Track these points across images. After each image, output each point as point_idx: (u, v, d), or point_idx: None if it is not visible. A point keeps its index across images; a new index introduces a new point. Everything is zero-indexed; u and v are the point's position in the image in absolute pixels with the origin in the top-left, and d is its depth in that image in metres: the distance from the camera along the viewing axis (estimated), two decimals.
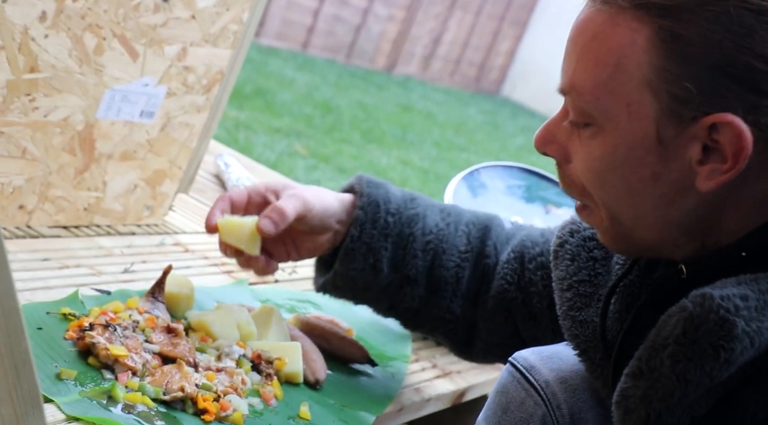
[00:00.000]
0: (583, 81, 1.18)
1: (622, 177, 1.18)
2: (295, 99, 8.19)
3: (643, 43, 1.13)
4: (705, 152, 1.13)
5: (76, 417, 1.33)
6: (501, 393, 1.42)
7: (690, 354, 1.09)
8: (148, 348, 1.52)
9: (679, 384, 1.09)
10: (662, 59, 1.12)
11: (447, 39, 12.97)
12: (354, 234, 1.69)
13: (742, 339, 1.06)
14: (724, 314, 1.07)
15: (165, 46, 1.88)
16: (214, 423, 1.45)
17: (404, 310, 1.75)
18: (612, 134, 1.17)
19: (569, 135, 1.23)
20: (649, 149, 1.15)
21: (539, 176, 2.57)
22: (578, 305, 1.40)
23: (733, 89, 1.10)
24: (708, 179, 1.14)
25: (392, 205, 1.71)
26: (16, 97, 1.70)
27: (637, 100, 1.15)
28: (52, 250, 1.81)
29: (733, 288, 1.09)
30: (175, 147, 2.03)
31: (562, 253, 1.45)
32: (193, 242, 2.11)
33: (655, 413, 1.12)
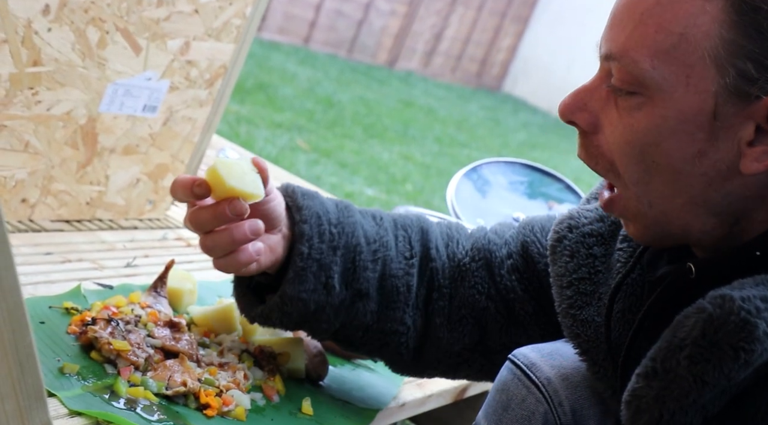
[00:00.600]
0: (640, 47, 1.13)
1: (665, 153, 1.14)
2: (297, 94, 8.19)
3: (715, 12, 1.09)
4: (757, 132, 1.11)
5: (78, 412, 1.33)
6: (501, 390, 1.40)
7: (708, 356, 1.07)
8: (150, 342, 1.52)
9: (695, 385, 1.08)
10: (734, 32, 1.08)
11: (449, 35, 12.97)
12: (303, 251, 1.50)
13: (763, 340, 1.06)
14: (746, 316, 1.06)
15: (168, 40, 1.87)
16: (216, 418, 1.45)
17: (355, 328, 1.58)
18: (662, 105, 1.13)
19: (605, 103, 1.19)
20: (702, 125, 1.12)
21: (542, 172, 2.57)
22: (579, 304, 1.39)
23: None
24: (756, 161, 1.11)
25: (332, 215, 1.55)
26: (19, 90, 1.69)
27: (698, 73, 1.11)
28: (54, 244, 1.81)
29: (752, 289, 1.08)
30: (177, 141, 2.03)
31: (561, 249, 1.43)
32: (195, 237, 2.10)
33: (668, 413, 1.10)
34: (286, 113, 7.33)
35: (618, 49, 1.15)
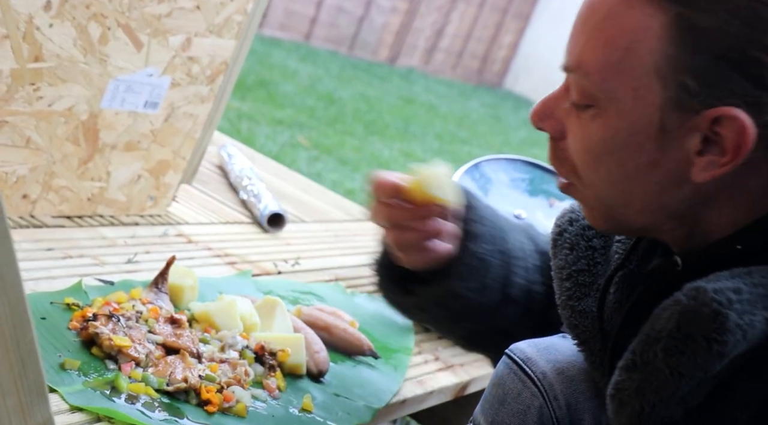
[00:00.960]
0: (591, 60, 1.16)
1: (619, 162, 1.17)
2: (298, 90, 8.19)
3: (658, 29, 1.12)
4: (704, 143, 1.13)
5: (79, 407, 1.34)
6: (498, 384, 1.42)
7: (683, 348, 1.09)
8: (151, 338, 1.52)
9: (672, 378, 1.10)
10: (675, 48, 1.11)
11: (450, 31, 12.96)
12: (475, 250, 1.54)
13: (734, 331, 1.07)
14: (717, 307, 1.07)
15: (169, 36, 1.87)
16: (217, 414, 1.45)
17: (495, 332, 1.61)
18: (614, 117, 1.16)
19: (568, 113, 1.22)
20: (650, 136, 1.15)
21: (543, 169, 2.56)
22: (577, 295, 1.40)
23: (741, 84, 1.09)
24: (704, 171, 1.14)
25: (494, 220, 1.59)
26: (20, 86, 1.69)
27: (644, 86, 1.13)
28: (55, 240, 1.81)
29: (726, 281, 1.09)
30: (178, 138, 2.03)
31: (561, 242, 1.45)
32: (196, 233, 2.11)
33: (648, 405, 1.12)
34: (287, 109, 7.33)
35: (573, 63, 1.19)
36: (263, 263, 2.09)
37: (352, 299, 2.08)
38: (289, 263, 2.16)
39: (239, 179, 2.46)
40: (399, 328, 2.00)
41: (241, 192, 2.43)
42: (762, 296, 1.09)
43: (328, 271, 2.20)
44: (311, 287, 2.05)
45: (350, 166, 6.38)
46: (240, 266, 2.03)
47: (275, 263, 2.12)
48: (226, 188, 2.47)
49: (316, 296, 2.02)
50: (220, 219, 2.25)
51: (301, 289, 2.02)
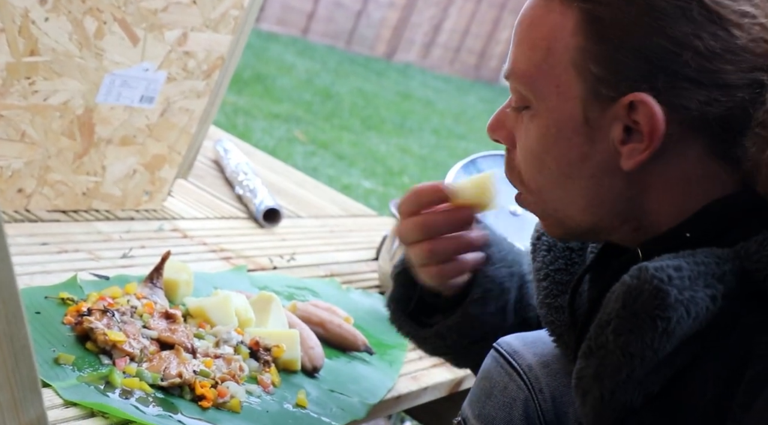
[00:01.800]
0: (520, 64, 1.23)
1: (555, 159, 1.22)
2: (295, 85, 8.18)
3: (571, 26, 1.18)
4: (627, 132, 1.17)
5: (73, 402, 1.34)
6: (485, 378, 1.44)
7: (630, 326, 1.11)
8: (146, 333, 1.52)
9: (624, 359, 1.11)
10: (586, 41, 1.17)
11: (447, 27, 12.96)
12: (491, 274, 1.53)
13: (676, 307, 1.09)
14: (658, 283, 1.09)
15: (165, 30, 1.87)
16: (211, 409, 1.45)
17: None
18: (545, 115, 1.21)
19: (515, 121, 1.27)
20: (576, 130, 1.19)
21: None
22: (554, 293, 1.43)
23: (646, 70, 1.14)
24: (629, 159, 1.18)
25: (505, 242, 1.60)
26: (15, 80, 1.69)
27: (565, 82, 1.19)
28: (50, 234, 1.81)
29: (668, 260, 1.12)
30: (174, 132, 2.03)
31: (539, 245, 1.48)
32: (191, 228, 2.11)
33: (607, 391, 1.13)
34: (284, 104, 7.33)
35: (508, 69, 1.26)
36: (258, 259, 2.09)
37: (347, 295, 2.08)
38: (285, 258, 2.16)
39: (235, 174, 2.46)
40: None
41: (236, 187, 2.43)
42: (703, 273, 1.11)
43: (324, 267, 2.20)
44: (306, 283, 2.05)
45: (347, 161, 6.38)
46: (235, 261, 2.03)
47: (270, 258, 2.12)
48: (221, 183, 2.47)
49: (311, 291, 2.02)
50: (215, 214, 2.25)
51: (296, 285, 2.02)
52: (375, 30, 11.91)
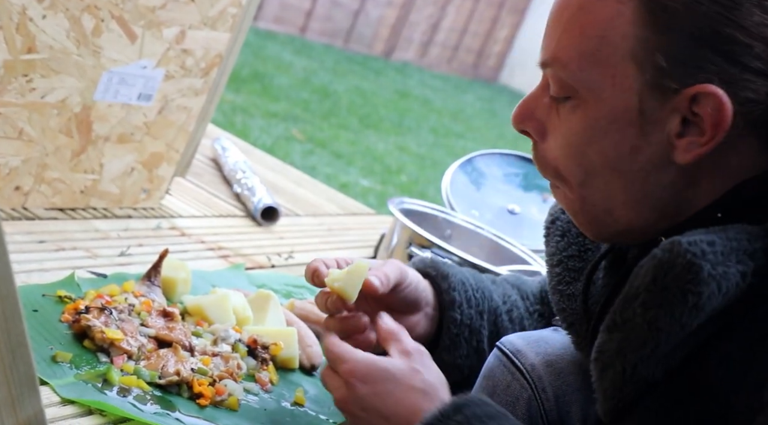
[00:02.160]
0: (568, 52, 1.18)
1: (601, 151, 1.18)
2: (293, 83, 8.18)
3: (629, 14, 1.14)
4: (684, 124, 1.15)
5: (71, 400, 1.33)
6: (488, 376, 1.44)
7: (660, 301, 1.09)
8: (143, 331, 1.52)
9: (651, 333, 1.10)
10: (647, 30, 1.13)
11: (445, 25, 12.96)
12: (456, 318, 1.59)
13: (708, 282, 1.07)
14: (691, 258, 1.08)
15: (163, 28, 1.87)
16: (209, 407, 1.45)
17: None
18: (594, 106, 1.17)
19: (548, 111, 1.23)
20: (631, 122, 1.16)
21: None
22: (567, 280, 1.42)
23: (715, 61, 1.11)
24: (686, 152, 1.15)
25: (471, 280, 1.64)
26: (13, 77, 1.69)
27: (621, 72, 1.15)
28: (48, 232, 1.81)
29: (701, 235, 1.10)
30: (172, 130, 2.03)
31: (553, 229, 1.46)
32: (189, 226, 2.11)
33: (630, 366, 1.13)
34: (282, 102, 7.33)
35: (550, 57, 1.21)
36: (256, 257, 2.09)
37: None
38: (283, 256, 2.16)
39: (233, 172, 2.46)
40: None
41: (234, 185, 2.43)
42: (735, 249, 1.10)
43: None
44: (304, 281, 2.04)
45: (344, 159, 6.39)
46: (233, 259, 2.03)
47: (268, 256, 2.12)
48: (219, 181, 2.47)
49: (309, 290, 2.01)
50: (213, 212, 2.25)
51: (294, 283, 2.02)
52: (373, 29, 11.92)
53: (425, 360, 1.37)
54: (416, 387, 1.33)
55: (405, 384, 1.33)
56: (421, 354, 1.38)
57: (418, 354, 1.37)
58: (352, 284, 1.46)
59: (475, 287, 1.62)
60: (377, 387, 1.33)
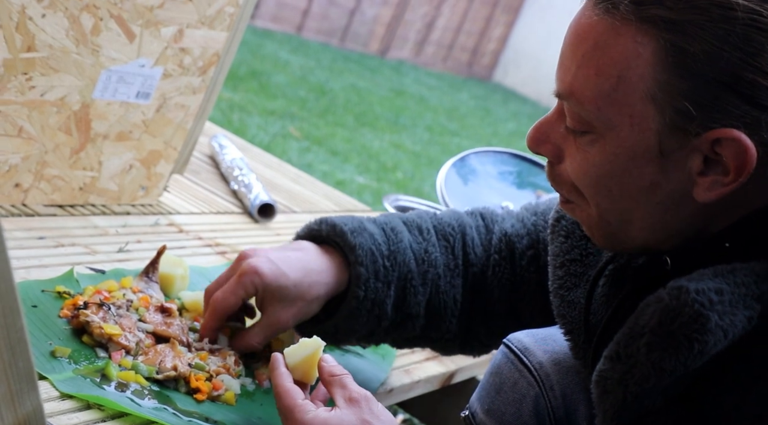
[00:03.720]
0: (584, 89, 1.16)
1: (620, 185, 1.18)
2: (290, 82, 8.18)
3: (648, 56, 1.12)
4: (706, 163, 1.14)
5: (69, 395, 1.34)
6: (495, 374, 1.44)
7: (665, 345, 1.11)
8: (141, 327, 1.53)
9: (654, 371, 1.12)
10: (667, 74, 1.11)
11: (440, 24, 12.96)
12: (359, 295, 1.58)
13: (715, 332, 1.09)
14: (699, 308, 1.09)
15: (161, 27, 1.88)
16: (206, 402, 1.46)
17: (404, 340, 1.69)
18: (612, 143, 1.16)
19: (564, 138, 1.23)
20: (650, 160, 1.15)
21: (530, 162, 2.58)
22: (568, 285, 1.42)
23: (737, 105, 1.09)
24: (708, 191, 1.14)
25: (383, 247, 1.61)
26: (12, 76, 1.70)
27: (639, 113, 1.14)
28: (47, 228, 1.82)
29: (709, 282, 1.11)
30: (170, 128, 2.04)
31: (558, 229, 1.46)
32: (187, 223, 2.12)
33: (631, 395, 1.14)
34: (279, 100, 7.33)
35: (565, 90, 1.19)
36: None
37: None
38: None
39: (230, 169, 2.47)
40: None
41: (232, 182, 2.44)
42: (744, 295, 1.10)
43: None
44: None
45: (341, 157, 6.39)
46: (230, 255, 2.04)
47: None
48: (217, 179, 2.48)
49: None
50: (211, 209, 2.26)
51: None
52: (369, 27, 11.91)
53: (373, 407, 1.36)
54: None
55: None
56: (368, 401, 1.36)
57: (365, 401, 1.36)
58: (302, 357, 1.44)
59: (386, 254, 1.60)
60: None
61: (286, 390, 1.37)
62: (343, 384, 1.38)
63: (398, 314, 1.63)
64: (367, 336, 1.64)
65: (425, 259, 1.63)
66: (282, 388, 1.37)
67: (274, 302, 1.56)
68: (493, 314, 1.67)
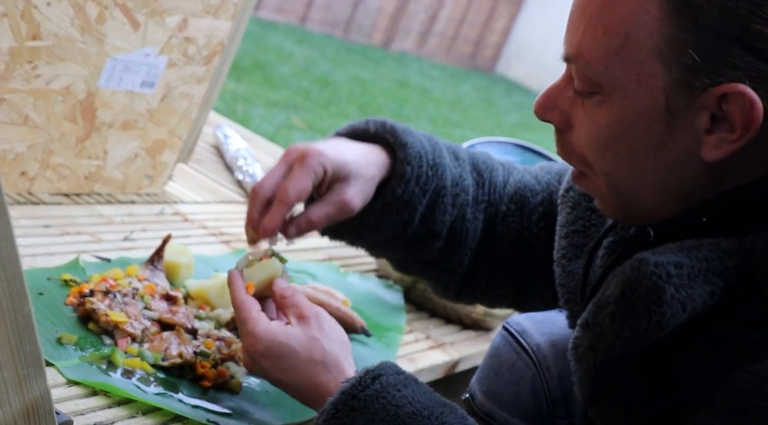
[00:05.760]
0: (592, 49, 1.17)
1: (627, 146, 1.18)
2: (293, 73, 8.18)
3: (655, 11, 1.12)
4: (712, 121, 1.14)
5: (76, 381, 1.35)
6: (493, 355, 1.46)
7: (626, 315, 1.13)
8: (147, 314, 1.54)
9: (618, 340, 1.14)
10: (674, 28, 1.11)
11: (443, 16, 12.95)
12: (397, 192, 1.54)
13: (671, 304, 1.11)
14: (656, 280, 1.11)
15: (166, 16, 1.89)
16: (211, 389, 1.47)
17: (416, 260, 1.65)
18: (619, 102, 1.17)
19: (572, 102, 1.23)
20: (657, 119, 1.15)
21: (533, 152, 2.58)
22: (569, 256, 1.43)
23: (744, 58, 1.09)
24: (715, 149, 1.14)
25: (429, 156, 1.58)
26: (18, 64, 1.71)
27: (647, 70, 1.14)
28: (53, 217, 1.82)
29: (671, 255, 1.13)
30: (175, 117, 2.04)
31: (567, 200, 1.47)
32: (192, 212, 2.13)
33: (600, 362, 1.17)
34: (283, 91, 7.33)
35: (573, 52, 1.19)
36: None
37: (345, 279, 2.09)
38: (283, 242, 2.17)
39: (235, 159, 2.48)
40: (391, 307, 2.02)
41: (236, 172, 2.44)
42: (704, 270, 1.12)
43: (322, 250, 2.22)
44: (305, 266, 2.07)
45: None
46: (235, 244, 2.05)
47: None
48: (221, 168, 2.48)
49: (309, 275, 2.03)
50: (215, 198, 2.27)
51: (295, 268, 2.03)
52: (372, 19, 11.90)
53: (323, 325, 1.37)
54: (315, 360, 1.35)
55: (304, 357, 1.35)
56: (318, 318, 1.38)
57: (316, 319, 1.38)
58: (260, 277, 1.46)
59: (431, 163, 1.58)
60: (277, 362, 1.36)
61: (241, 302, 1.39)
62: (294, 303, 1.39)
63: (423, 227, 1.59)
64: (387, 239, 1.59)
65: (459, 183, 1.61)
66: (237, 300, 1.40)
67: (340, 181, 1.50)
68: (497, 261, 1.64)
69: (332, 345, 1.36)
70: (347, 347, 1.38)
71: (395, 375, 1.29)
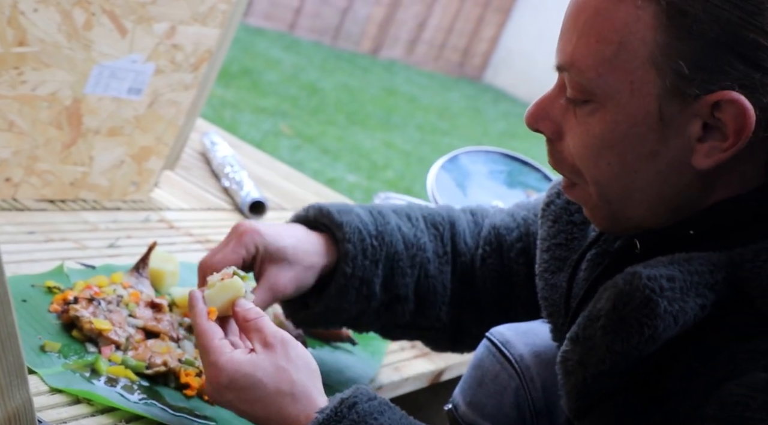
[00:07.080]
0: (585, 58, 1.17)
1: (620, 154, 1.18)
2: (281, 80, 8.18)
3: (648, 19, 1.12)
4: (705, 129, 1.14)
5: (59, 389, 1.35)
6: (477, 366, 1.45)
7: (618, 329, 1.13)
8: (131, 322, 1.53)
9: (609, 354, 1.14)
10: (668, 36, 1.12)
11: (432, 24, 12.96)
12: (347, 271, 1.56)
13: (664, 317, 1.11)
14: (649, 294, 1.11)
15: (154, 23, 1.88)
16: (195, 397, 1.46)
17: (394, 326, 1.65)
18: (613, 111, 1.17)
19: (564, 112, 1.23)
20: (651, 127, 1.15)
21: (520, 162, 2.58)
22: (552, 269, 1.43)
23: (737, 67, 1.10)
24: (707, 157, 1.15)
25: (371, 226, 1.59)
26: (4, 70, 1.70)
27: (640, 78, 1.14)
28: (37, 223, 1.82)
29: (663, 268, 1.13)
30: (162, 124, 2.04)
31: (548, 213, 1.47)
32: (177, 219, 2.12)
33: (590, 377, 1.17)
34: (270, 98, 7.33)
35: (566, 61, 1.19)
36: None
37: None
38: None
39: (221, 166, 2.47)
40: None
41: (223, 179, 2.44)
42: (696, 284, 1.12)
43: None
44: None
45: (331, 155, 6.39)
46: None
47: None
48: (208, 175, 2.48)
49: None
50: (201, 206, 2.26)
51: None
52: (361, 26, 11.91)
53: (290, 353, 1.31)
54: (283, 391, 1.29)
55: (272, 389, 1.28)
56: (285, 345, 1.31)
57: (282, 346, 1.31)
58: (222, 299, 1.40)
59: (374, 234, 1.58)
60: (242, 394, 1.29)
61: (203, 330, 1.33)
62: (258, 328, 1.33)
63: (387, 295, 1.60)
64: (356, 316, 1.61)
65: (414, 243, 1.62)
66: (199, 328, 1.34)
67: (274, 265, 1.52)
68: (482, 306, 1.66)
69: (300, 374, 1.30)
70: (315, 373, 1.33)
71: (369, 402, 1.27)
